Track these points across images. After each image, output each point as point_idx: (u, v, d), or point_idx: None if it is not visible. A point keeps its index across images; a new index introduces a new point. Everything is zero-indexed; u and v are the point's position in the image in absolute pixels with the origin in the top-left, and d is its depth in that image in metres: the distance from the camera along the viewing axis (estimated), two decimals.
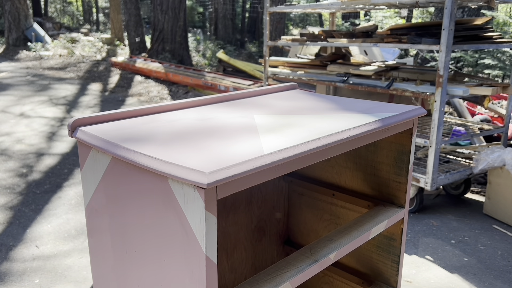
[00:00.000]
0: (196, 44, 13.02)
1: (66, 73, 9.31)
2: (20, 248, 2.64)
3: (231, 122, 0.98)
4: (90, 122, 0.97)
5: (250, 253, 1.51)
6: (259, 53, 12.73)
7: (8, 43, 12.41)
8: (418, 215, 3.09)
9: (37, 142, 4.71)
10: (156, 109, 1.08)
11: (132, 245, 0.87)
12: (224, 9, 15.01)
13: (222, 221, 1.39)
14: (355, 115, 1.05)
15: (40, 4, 18.30)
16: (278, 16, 11.93)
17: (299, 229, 1.55)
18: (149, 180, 0.78)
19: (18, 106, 6.31)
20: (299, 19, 18.68)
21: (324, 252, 0.97)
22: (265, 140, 0.85)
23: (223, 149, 0.79)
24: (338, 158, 1.34)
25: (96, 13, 22.89)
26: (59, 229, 2.87)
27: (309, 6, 3.74)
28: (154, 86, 7.91)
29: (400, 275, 1.25)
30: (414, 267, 2.46)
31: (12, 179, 3.71)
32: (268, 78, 3.94)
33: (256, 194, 1.48)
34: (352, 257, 1.36)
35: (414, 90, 2.78)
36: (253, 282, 0.88)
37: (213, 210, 0.70)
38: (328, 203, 1.40)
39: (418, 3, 2.67)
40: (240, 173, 0.70)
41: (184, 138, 0.87)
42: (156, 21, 10.27)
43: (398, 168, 1.20)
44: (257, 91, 1.31)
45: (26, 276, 2.36)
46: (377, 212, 1.17)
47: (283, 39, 4.12)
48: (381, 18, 8.86)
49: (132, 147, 0.80)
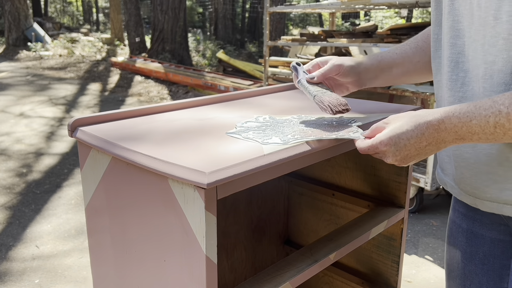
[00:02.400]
0: (196, 44, 13.02)
1: (66, 73, 9.31)
2: (20, 248, 2.64)
3: (231, 122, 0.98)
4: (90, 122, 0.97)
5: (250, 253, 1.51)
6: (259, 53, 12.73)
7: (8, 43, 12.41)
8: (418, 215, 3.09)
9: (37, 142, 4.71)
10: (156, 109, 1.08)
11: (132, 245, 0.87)
12: (224, 9, 15.01)
13: (222, 221, 1.39)
14: (355, 115, 1.05)
15: (40, 4, 18.30)
16: (278, 16, 11.94)
17: (299, 229, 1.55)
18: (149, 180, 0.78)
19: (17, 106, 6.31)
20: (299, 19, 18.68)
21: (324, 252, 0.97)
22: None
23: (223, 149, 0.79)
24: (338, 158, 1.34)
25: (96, 13, 22.89)
26: (59, 229, 2.87)
27: (309, 6, 3.74)
28: (154, 86, 7.91)
29: (400, 275, 1.25)
30: (414, 267, 2.46)
31: (12, 179, 3.71)
32: (268, 78, 3.94)
33: (256, 194, 1.48)
34: (352, 257, 1.36)
35: (414, 90, 2.78)
36: (253, 282, 0.88)
37: (213, 210, 0.70)
38: (328, 203, 1.40)
39: (418, 3, 2.67)
40: (240, 173, 0.70)
41: (184, 138, 0.87)
42: (156, 21, 10.27)
43: (398, 168, 1.20)
44: (257, 91, 1.31)
45: (26, 276, 2.36)
46: (377, 212, 1.17)
47: (283, 39, 4.12)
48: (381, 18, 8.86)
49: (132, 147, 0.80)
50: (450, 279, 1.04)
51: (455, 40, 0.84)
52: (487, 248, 0.92)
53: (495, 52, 0.75)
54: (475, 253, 0.94)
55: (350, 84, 1.04)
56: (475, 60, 0.80)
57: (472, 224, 0.94)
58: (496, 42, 0.75)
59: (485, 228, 0.92)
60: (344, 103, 0.92)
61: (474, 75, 0.81)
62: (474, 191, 0.86)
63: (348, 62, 1.01)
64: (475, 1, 0.78)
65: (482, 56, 0.78)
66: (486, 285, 0.93)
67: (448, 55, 0.86)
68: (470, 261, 0.95)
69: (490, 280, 0.93)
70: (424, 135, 0.75)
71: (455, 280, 1.01)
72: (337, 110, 0.91)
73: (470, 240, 0.95)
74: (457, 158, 0.88)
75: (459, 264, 0.98)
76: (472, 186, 0.86)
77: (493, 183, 0.81)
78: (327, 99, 0.92)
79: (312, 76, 0.99)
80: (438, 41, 0.92)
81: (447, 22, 0.85)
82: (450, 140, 0.76)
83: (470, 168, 0.85)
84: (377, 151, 0.79)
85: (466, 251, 0.96)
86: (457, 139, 0.75)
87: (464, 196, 0.90)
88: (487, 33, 0.76)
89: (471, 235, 0.95)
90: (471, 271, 0.96)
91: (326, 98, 0.93)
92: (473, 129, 0.72)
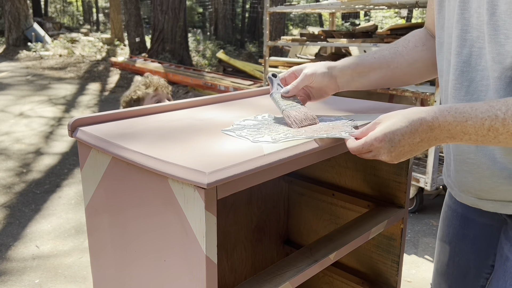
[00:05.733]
0: (196, 44, 13.02)
1: (66, 73, 9.31)
2: (20, 247, 2.64)
3: (231, 122, 0.98)
4: (90, 122, 0.97)
5: (250, 253, 1.51)
6: (259, 53, 12.72)
7: (8, 43, 12.40)
8: (418, 215, 3.09)
9: (37, 142, 4.71)
10: (156, 109, 1.08)
11: (132, 245, 0.87)
12: (224, 9, 15.01)
13: (222, 221, 1.39)
14: (355, 115, 1.05)
15: (40, 4, 18.30)
16: (278, 16, 11.94)
17: (299, 229, 1.55)
18: (149, 180, 0.78)
19: (17, 105, 6.31)
20: (299, 19, 18.68)
21: (324, 252, 0.97)
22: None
23: (223, 149, 0.79)
24: (338, 158, 1.34)
25: (96, 13, 22.89)
26: (59, 229, 2.87)
27: (309, 6, 3.74)
28: None
29: (400, 275, 1.25)
30: (414, 267, 2.46)
31: (12, 178, 3.71)
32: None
33: (256, 194, 1.48)
34: (352, 257, 1.36)
35: (414, 90, 2.78)
36: (253, 282, 0.88)
37: (213, 210, 0.70)
38: (328, 203, 1.40)
39: (418, 3, 2.68)
40: (240, 173, 0.70)
41: (184, 138, 0.87)
42: (156, 21, 10.27)
43: (398, 168, 1.20)
44: (257, 91, 1.32)
45: (26, 275, 2.36)
46: (377, 212, 1.17)
47: (283, 39, 4.12)
48: (381, 18, 8.87)
49: (132, 147, 0.80)
50: (440, 253, 1.12)
51: (461, 49, 0.86)
52: (478, 231, 1.01)
53: (501, 69, 0.78)
54: (467, 235, 1.03)
55: (327, 88, 1.05)
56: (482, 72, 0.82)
57: (467, 210, 1.02)
58: (504, 60, 0.77)
59: (477, 214, 0.99)
60: (311, 117, 0.96)
61: (479, 85, 0.84)
62: (477, 193, 0.90)
63: (321, 69, 1.02)
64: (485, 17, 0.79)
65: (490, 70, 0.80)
66: (473, 262, 1.03)
67: (454, 63, 0.88)
68: (462, 240, 1.05)
69: (477, 258, 1.02)
70: (418, 131, 0.77)
71: (446, 255, 1.10)
72: (302, 125, 0.93)
73: (463, 223, 1.04)
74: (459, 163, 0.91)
75: (451, 243, 1.07)
76: (475, 188, 0.90)
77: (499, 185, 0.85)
78: (294, 114, 0.95)
79: (286, 91, 1.00)
80: (440, 44, 0.94)
81: (455, 30, 0.87)
82: (442, 138, 0.77)
83: (473, 173, 0.89)
84: (371, 148, 0.80)
85: (459, 232, 1.05)
86: (448, 138, 0.77)
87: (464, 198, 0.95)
88: (495, 49, 0.78)
89: (465, 219, 1.04)
90: (461, 250, 1.05)
91: (293, 113, 0.95)
92: (467, 129, 0.74)
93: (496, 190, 0.86)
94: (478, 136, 0.74)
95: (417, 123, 0.76)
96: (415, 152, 0.80)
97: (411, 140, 0.77)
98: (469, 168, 0.88)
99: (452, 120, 0.75)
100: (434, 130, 0.76)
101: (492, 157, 0.84)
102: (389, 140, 0.78)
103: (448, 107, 0.76)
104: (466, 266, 1.05)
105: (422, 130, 0.76)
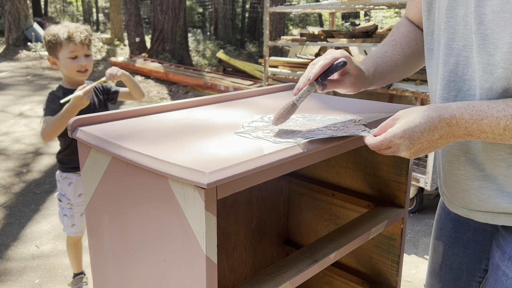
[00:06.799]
0: (196, 44, 13.01)
1: None
2: (20, 247, 2.64)
3: (232, 122, 0.98)
4: (90, 122, 0.97)
5: (250, 253, 1.51)
6: (259, 53, 12.72)
7: (8, 43, 12.39)
8: (418, 215, 3.09)
9: (36, 142, 4.70)
10: (156, 109, 1.08)
11: (132, 245, 0.87)
12: (224, 9, 15.01)
13: (222, 221, 1.39)
14: (355, 115, 1.06)
15: (40, 4, 18.29)
16: (278, 16, 11.94)
17: (299, 229, 1.55)
18: (149, 180, 0.78)
19: (17, 105, 6.30)
20: (299, 19, 18.68)
21: (324, 252, 0.97)
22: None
23: (223, 149, 0.79)
24: (338, 158, 1.34)
25: (96, 13, 22.87)
26: (59, 229, 2.87)
27: (309, 6, 3.74)
28: (154, 86, 7.91)
29: (400, 275, 1.25)
30: (414, 267, 2.46)
31: (12, 178, 3.71)
32: (268, 78, 3.94)
33: (256, 194, 1.48)
34: (352, 257, 1.36)
35: (414, 90, 2.78)
36: (253, 282, 0.88)
37: (213, 210, 0.70)
38: (328, 203, 1.40)
39: None
40: (240, 173, 0.70)
41: (184, 138, 0.87)
42: (156, 21, 10.26)
43: (398, 168, 1.20)
44: (257, 91, 1.32)
45: (26, 275, 2.36)
46: (377, 212, 1.17)
47: (283, 39, 4.12)
48: (381, 18, 8.87)
49: (132, 147, 0.80)
50: (434, 255, 1.13)
51: (448, 58, 0.86)
52: (471, 235, 1.02)
53: (492, 80, 0.77)
54: (460, 238, 1.04)
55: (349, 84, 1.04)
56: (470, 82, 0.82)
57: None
58: (495, 70, 0.76)
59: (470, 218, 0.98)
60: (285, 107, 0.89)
61: (466, 95, 0.83)
62: (467, 205, 0.91)
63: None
64: (473, 27, 0.78)
65: (478, 81, 0.80)
66: (466, 266, 1.04)
67: (441, 72, 0.88)
68: (455, 244, 1.05)
69: (470, 262, 1.03)
70: (437, 128, 0.77)
71: (439, 257, 1.10)
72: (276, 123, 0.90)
73: (457, 226, 1.04)
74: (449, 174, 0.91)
75: (444, 246, 1.08)
76: (465, 201, 0.91)
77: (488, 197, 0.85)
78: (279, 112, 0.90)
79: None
80: (430, 51, 0.94)
81: (443, 39, 0.87)
82: (460, 135, 0.78)
83: (461, 184, 0.89)
84: (391, 144, 0.80)
85: (452, 235, 1.06)
86: (466, 135, 0.77)
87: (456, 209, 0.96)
88: (485, 60, 0.77)
89: (458, 223, 1.04)
90: (453, 253, 1.06)
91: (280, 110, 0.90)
92: (483, 128, 0.75)
93: (485, 202, 0.85)
94: (495, 135, 0.74)
95: (435, 120, 0.77)
96: (434, 149, 0.80)
97: (430, 137, 0.78)
98: (458, 179, 0.89)
99: (469, 118, 0.75)
100: (452, 126, 0.77)
101: (481, 168, 0.84)
102: (409, 137, 0.78)
103: (465, 104, 0.77)
104: (459, 269, 1.05)
105: (441, 127, 0.77)
